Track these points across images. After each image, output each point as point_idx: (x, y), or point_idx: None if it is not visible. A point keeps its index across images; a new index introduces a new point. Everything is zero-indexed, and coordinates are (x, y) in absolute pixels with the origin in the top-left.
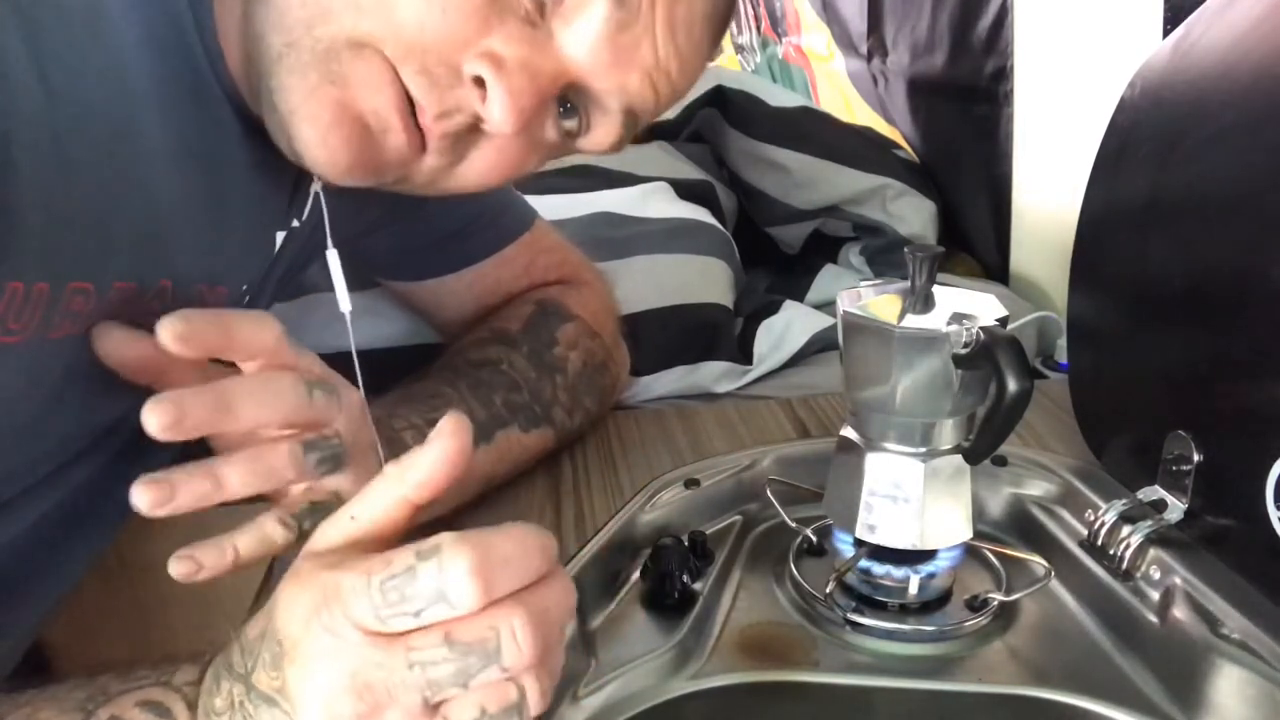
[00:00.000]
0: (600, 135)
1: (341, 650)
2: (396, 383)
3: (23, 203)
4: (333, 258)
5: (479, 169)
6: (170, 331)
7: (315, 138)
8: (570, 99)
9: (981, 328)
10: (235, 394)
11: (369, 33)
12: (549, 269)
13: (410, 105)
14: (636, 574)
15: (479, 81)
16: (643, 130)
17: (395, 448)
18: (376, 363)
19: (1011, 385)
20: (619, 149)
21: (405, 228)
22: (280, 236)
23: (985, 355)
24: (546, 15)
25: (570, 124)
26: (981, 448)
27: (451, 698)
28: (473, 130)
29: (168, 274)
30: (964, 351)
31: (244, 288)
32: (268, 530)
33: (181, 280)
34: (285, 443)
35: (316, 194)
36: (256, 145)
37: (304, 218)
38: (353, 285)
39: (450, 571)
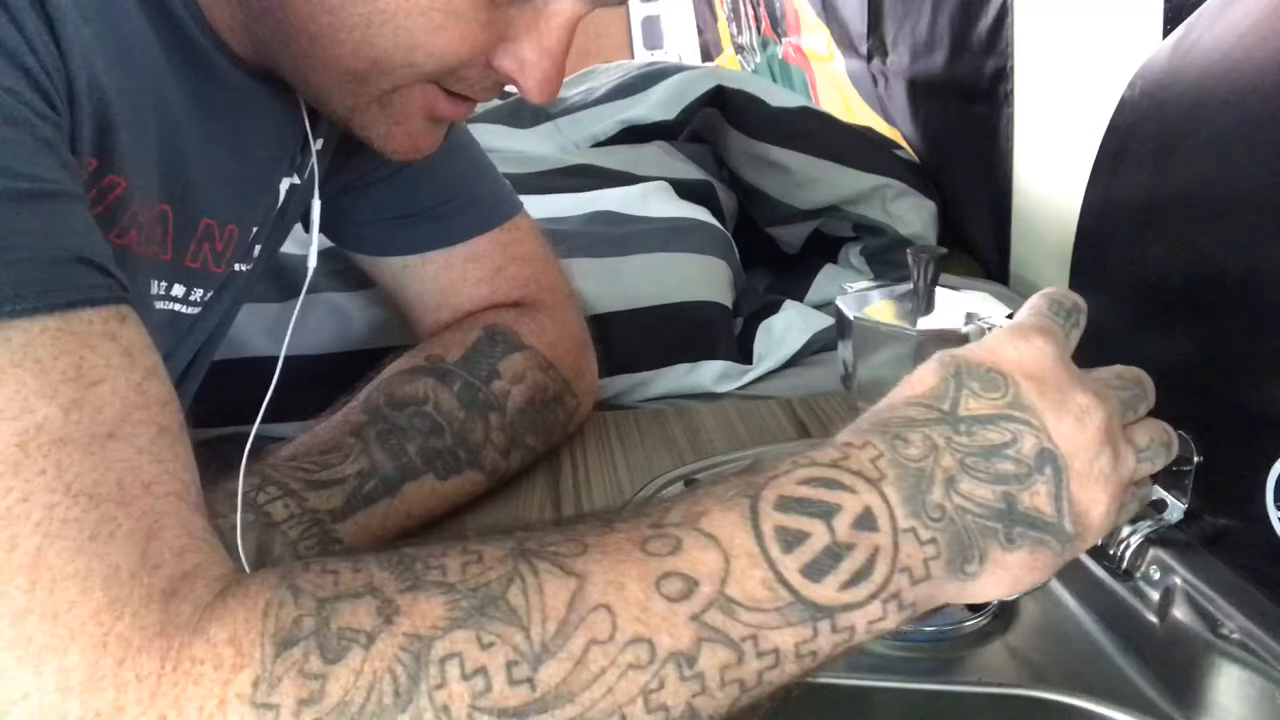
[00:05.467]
0: None
1: (1070, 367)
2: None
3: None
4: (315, 207)
5: None
6: None
7: None
8: None
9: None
10: None
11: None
12: (516, 283)
13: None
14: None
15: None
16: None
17: (251, 528)
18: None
19: None
20: None
21: (386, 191)
22: (285, 184)
23: None
24: None
25: None
26: None
27: (1129, 422)
28: None
29: (167, 199)
30: None
31: (254, 230)
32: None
33: (187, 211)
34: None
35: (316, 152)
36: (259, 94)
37: (305, 175)
38: (354, 285)
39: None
